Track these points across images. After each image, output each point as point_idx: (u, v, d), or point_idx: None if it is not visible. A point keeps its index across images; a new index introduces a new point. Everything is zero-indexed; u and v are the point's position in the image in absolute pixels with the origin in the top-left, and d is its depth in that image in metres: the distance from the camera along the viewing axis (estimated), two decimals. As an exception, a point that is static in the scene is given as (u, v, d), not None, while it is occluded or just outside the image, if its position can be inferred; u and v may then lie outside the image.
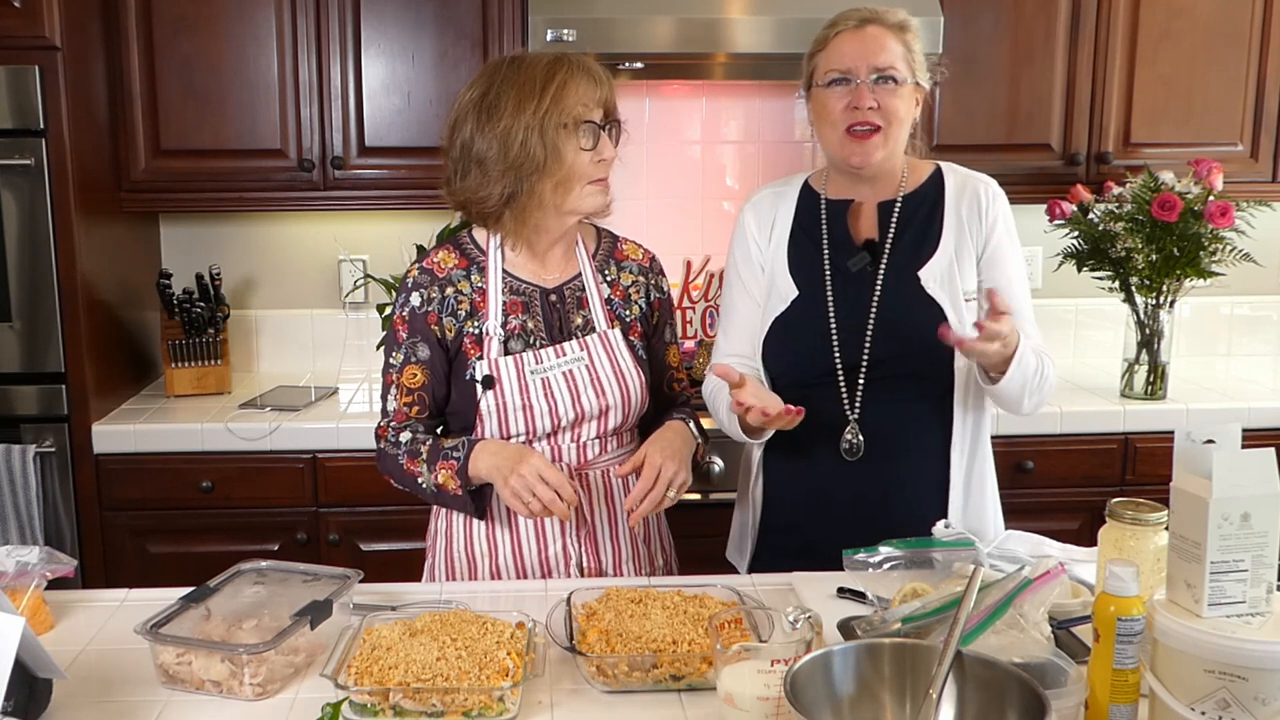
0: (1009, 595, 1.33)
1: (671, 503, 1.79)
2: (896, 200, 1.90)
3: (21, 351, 2.65)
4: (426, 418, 1.87)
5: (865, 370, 1.85)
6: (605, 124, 1.79)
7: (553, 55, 1.79)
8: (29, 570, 1.55)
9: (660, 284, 1.98)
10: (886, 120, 1.81)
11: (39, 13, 2.54)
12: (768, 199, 1.99)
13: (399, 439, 1.85)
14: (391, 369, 1.86)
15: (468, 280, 1.85)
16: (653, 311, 1.96)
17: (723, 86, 3.30)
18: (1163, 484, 1.30)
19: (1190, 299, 3.22)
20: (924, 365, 1.84)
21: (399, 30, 2.88)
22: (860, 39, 1.82)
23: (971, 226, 1.87)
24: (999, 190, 1.91)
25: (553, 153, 1.74)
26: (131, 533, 2.75)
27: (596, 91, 1.77)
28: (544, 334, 1.85)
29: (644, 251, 1.99)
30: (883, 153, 1.83)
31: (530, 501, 1.69)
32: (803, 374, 1.89)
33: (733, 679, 1.27)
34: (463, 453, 1.78)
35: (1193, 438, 1.23)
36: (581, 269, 1.90)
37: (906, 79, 1.82)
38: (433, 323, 1.84)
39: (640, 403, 1.88)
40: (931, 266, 1.85)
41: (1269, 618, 1.20)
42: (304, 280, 3.32)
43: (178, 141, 2.89)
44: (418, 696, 1.32)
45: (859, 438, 1.86)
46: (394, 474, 1.86)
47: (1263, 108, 3.05)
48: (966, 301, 1.85)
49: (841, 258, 1.89)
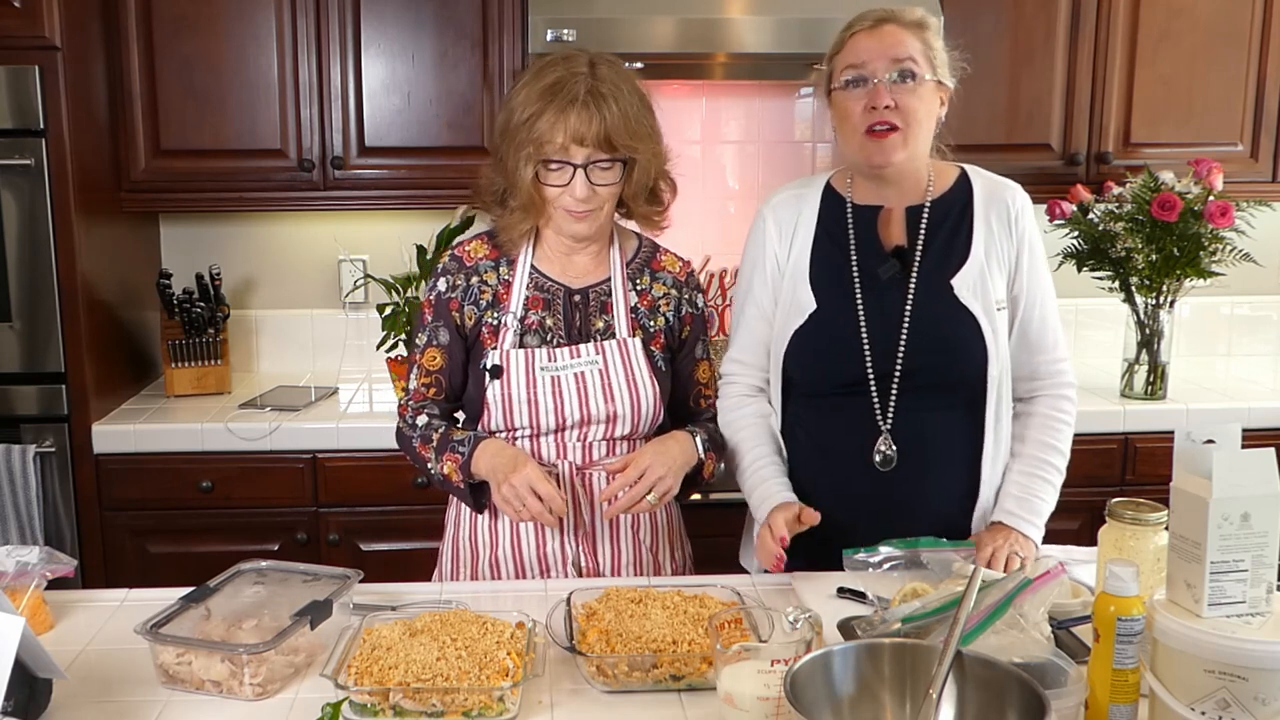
0: (1009, 595, 1.33)
1: (650, 507, 1.77)
2: (925, 205, 1.86)
3: (21, 351, 2.65)
4: (443, 400, 1.90)
5: (899, 380, 1.81)
6: (591, 161, 1.73)
7: (560, 75, 1.74)
8: (29, 570, 1.55)
9: (695, 299, 1.95)
10: (905, 120, 1.76)
11: (39, 13, 2.53)
12: (789, 202, 1.93)
13: (416, 421, 1.89)
14: (416, 349, 1.91)
15: (495, 272, 1.87)
16: (682, 326, 1.94)
17: (723, 86, 3.30)
18: (1163, 484, 1.30)
19: (1190, 299, 3.22)
20: (957, 375, 1.82)
21: (399, 30, 2.88)
22: (876, 37, 1.78)
23: (1001, 237, 1.84)
24: (1026, 200, 1.88)
25: (522, 180, 1.76)
26: (131, 533, 2.75)
27: (589, 126, 1.70)
28: (562, 333, 1.85)
29: (682, 264, 1.97)
30: (903, 153, 1.78)
31: (520, 510, 1.71)
32: (831, 383, 1.85)
33: (733, 679, 1.27)
34: (468, 448, 1.80)
35: (1193, 438, 1.23)
36: (611, 274, 1.90)
37: (925, 76, 1.77)
38: (454, 309, 1.86)
39: (652, 414, 1.87)
40: (964, 274, 1.82)
41: (1269, 618, 1.20)
42: (304, 280, 3.32)
43: (178, 141, 2.89)
44: (418, 696, 1.32)
45: (893, 448, 1.82)
46: (409, 453, 1.91)
47: (1263, 108, 3.05)
48: (998, 310, 1.82)
49: (871, 265, 1.84)
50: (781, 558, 1.71)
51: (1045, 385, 1.88)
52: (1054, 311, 1.89)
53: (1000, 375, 1.82)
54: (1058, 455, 1.85)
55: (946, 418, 1.84)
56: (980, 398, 1.83)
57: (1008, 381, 1.85)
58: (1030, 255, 1.86)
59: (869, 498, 1.84)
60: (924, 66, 1.77)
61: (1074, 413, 1.89)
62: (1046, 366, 1.88)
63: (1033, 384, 1.89)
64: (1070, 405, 1.88)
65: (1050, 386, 1.88)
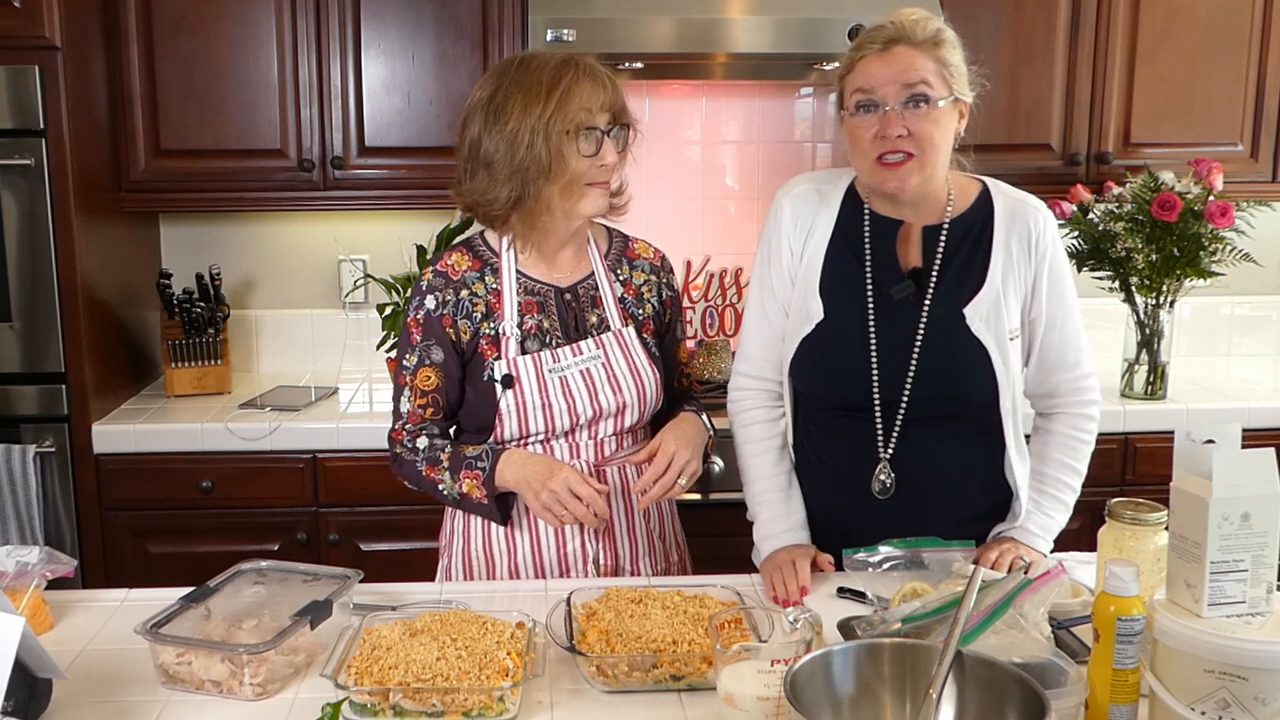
0: (1009, 595, 1.33)
1: (682, 490, 1.78)
2: (943, 226, 1.78)
3: (21, 351, 2.65)
4: (440, 419, 1.88)
5: (905, 408, 1.76)
6: (610, 128, 1.78)
7: (561, 57, 1.78)
8: (29, 570, 1.55)
9: (671, 282, 1.99)
10: (920, 147, 1.67)
11: (39, 13, 2.53)
12: (810, 197, 1.84)
13: (416, 444, 1.85)
14: (405, 371, 1.86)
15: (482, 282, 1.86)
16: (665, 309, 1.96)
17: (723, 86, 3.30)
18: (1163, 484, 1.30)
19: (1190, 299, 3.22)
20: (966, 406, 1.77)
21: (399, 30, 2.88)
22: (886, 62, 1.67)
23: (1021, 262, 1.76)
24: (1050, 218, 1.79)
25: (556, 157, 1.73)
26: (131, 533, 2.75)
27: (602, 95, 1.76)
28: (560, 333, 1.85)
29: (655, 250, 1.99)
30: (918, 178, 1.70)
31: (563, 515, 1.71)
32: (836, 402, 1.82)
33: (733, 679, 1.27)
34: (488, 463, 1.78)
35: (1193, 438, 1.23)
36: (594, 268, 1.90)
37: (941, 98, 1.67)
38: (448, 325, 1.84)
39: (656, 399, 1.89)
40: (977, 304, 1.74)
41: (1269, 618, 1.20)
42: (304, 280, 3.32)
43: (178, 141, 2.89)
44: (418, 696, 1.32)
45: (891, 476, 1.78)
46: (411, 478, 1.87)
47: (1263, 108, 3.05)
48: (1011, 340, 1.75)
49: (885, 283, 1.77)
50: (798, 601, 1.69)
51: (1066, 403, 1.83)
52: (1078, 330, 1.81)
53: (1014, 406, 1.78)
54: (1075, 476, 1.83)
55: (954, 447, 1.80)
56: (994, 429, 1.79)
57: (1021, 408, 1.80)
58: (1051, 277, 1.77)
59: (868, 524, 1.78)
60: (939, 89, 1.68)
61: (1095, 430, 1.84)
62: (1068, 384, 1.82)
63: (1053, 401, 1.84)
64: (1092, 424, 1.83)
65: (1071, 404, 1.83)
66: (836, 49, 2.76)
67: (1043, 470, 1.83)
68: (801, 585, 1.72)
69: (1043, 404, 1.86)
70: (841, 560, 1.75)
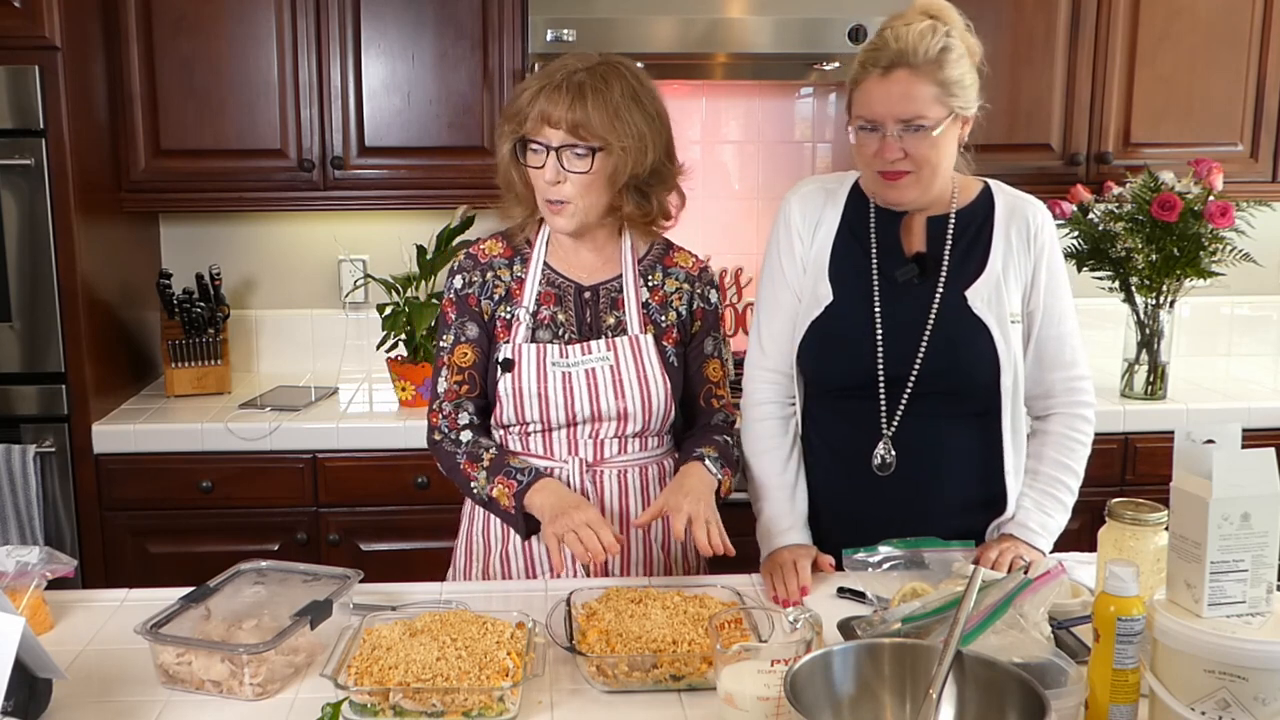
0: (1009, 595, 1.33)
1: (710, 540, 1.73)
2: (950, 215, 1.84)
3: (21, 351, 2.65)
4: (477, 396, 1.87)
5: (911, 386, 1.81)
6: (561, 145, 1.74)
7: (562, 63, 1.78)
8: (29, 570, 1.55)
9: (707, 294, 1.94)
10: (917, 165, 1.74)
11: (39, 13, 2.53)
12: (817, 194, 1.91)
13: (459, 438, 1.84)
14: (443, 351, 1.88)
15: (509, 269, 1.89)
16: (693, 319, 1.93)
17: (723, 86, 3.30)
18: (1163, 484, 1.30)
19: (1190, 299, 3.22)
20: (968, 384, 1.81)
21: (399, 30, 2.88)
22: (885, 88, 1.71)
23: (1020, 252, 1.82)
24: (1048, 216, 1.86)
25: (501, 157, 1.81)
26: (131, 533, 2.75)
27: (561, 110, 1.72)
28: (574, 329, 1.86)
29: (695, 260, 1.96)
30: (916, 192, 1.77)
31: (569, 543, 1.65)
32: (841, 383, 1.85)
33: (733, 679, 1.27)
34: (527, 479, 1.76)
35: (1193, 438, 1.23)
36: (623, 270, 1.90)
37: (938, 123, 1.71)
38: (473, 304, 1.88)
39: (663, 411, 1.86)
40: (979, 286, 1.80)
41: (1269, 618, 1.20)
42: (304, 280, 3.32)
43: (178, 141, 2.89)
44: (418, 696, 1.32)
45: (891, 453, 1.82)
46: (446, 467, 1.86)
47: (1263, 108, 3.05)
48: (1012, 323, 1.81)
49: (890, 267, 1.84)
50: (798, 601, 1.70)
51: (1061, 403, 1.86)
52: (1073, 330, 1.86)
53: (1014, 386, 1.81)
54: (1072, 476, 1.85)
55: (954, 427, 1.83)
56: (993, 409, 1.82)
57: (1021, 393, 1.84)
58: (1049, 273, 1.83)
59: (871, 503, 1.84)
60: (937, 114, 1.71)
61: (1090, 433, 1.87)
62: (1063, 384, 1.85)
63: (1049, 401, 1.87)
64: (1087, 425, 1.86)
65: (1066, 405, 1.86)
66: (836, 49, 2.77)
67: (1040, 470, 1.85)
68: (802, 585, 1.73)
69: (1039, 405, 1.88)
70: (841, 560, 1.77)
